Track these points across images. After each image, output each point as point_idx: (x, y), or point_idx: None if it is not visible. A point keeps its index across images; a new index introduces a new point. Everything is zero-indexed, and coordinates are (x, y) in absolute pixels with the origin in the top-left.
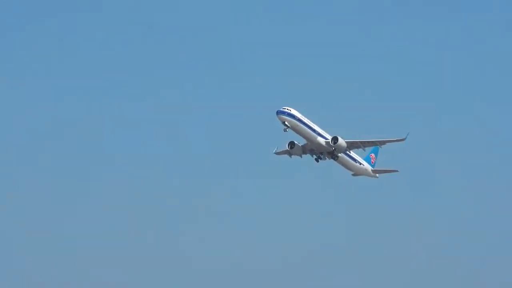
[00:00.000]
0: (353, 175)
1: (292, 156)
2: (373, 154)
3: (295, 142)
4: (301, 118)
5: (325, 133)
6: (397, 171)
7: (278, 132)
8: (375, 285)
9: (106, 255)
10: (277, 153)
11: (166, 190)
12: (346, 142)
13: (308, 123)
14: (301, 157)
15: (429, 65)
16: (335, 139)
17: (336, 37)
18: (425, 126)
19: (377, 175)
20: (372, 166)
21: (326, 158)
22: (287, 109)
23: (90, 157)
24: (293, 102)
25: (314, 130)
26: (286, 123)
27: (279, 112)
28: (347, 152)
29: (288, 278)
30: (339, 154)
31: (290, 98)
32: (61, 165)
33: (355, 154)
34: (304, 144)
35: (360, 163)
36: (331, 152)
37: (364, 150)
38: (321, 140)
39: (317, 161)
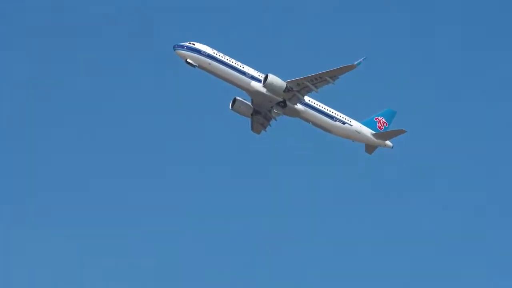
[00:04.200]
0: (366, 151)
1: (254, 123)
2: (381, 118)
3: (239, 98)
4: (214, 55)
5: (262, 76)
6: (404, 131)
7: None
8: None
9: None
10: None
11: None
12: (287, 82)
13: (229, 62)
14: (267, 125)
15: None
16: (265, 78)
17: None
18: None
19: (389, 143)
20: (378, 131)
21: (279, 113)
22: (190, 43)
23: None
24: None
25: (243, 72)
26: (189, 60)
27: (177, 47)
28: (315, 105)
29: None
30: (298, 107)
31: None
32: None
33: (333, 110)
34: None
35: (344, 122)
36: (282, 102)
37: (317, 92)
38: (256, 85)
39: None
